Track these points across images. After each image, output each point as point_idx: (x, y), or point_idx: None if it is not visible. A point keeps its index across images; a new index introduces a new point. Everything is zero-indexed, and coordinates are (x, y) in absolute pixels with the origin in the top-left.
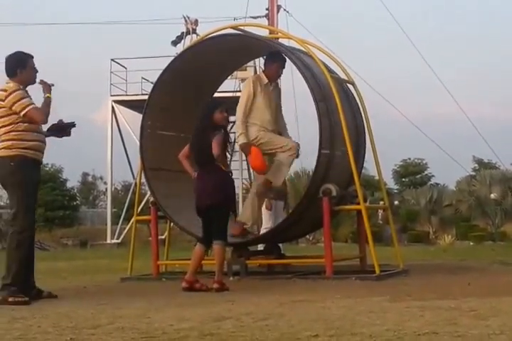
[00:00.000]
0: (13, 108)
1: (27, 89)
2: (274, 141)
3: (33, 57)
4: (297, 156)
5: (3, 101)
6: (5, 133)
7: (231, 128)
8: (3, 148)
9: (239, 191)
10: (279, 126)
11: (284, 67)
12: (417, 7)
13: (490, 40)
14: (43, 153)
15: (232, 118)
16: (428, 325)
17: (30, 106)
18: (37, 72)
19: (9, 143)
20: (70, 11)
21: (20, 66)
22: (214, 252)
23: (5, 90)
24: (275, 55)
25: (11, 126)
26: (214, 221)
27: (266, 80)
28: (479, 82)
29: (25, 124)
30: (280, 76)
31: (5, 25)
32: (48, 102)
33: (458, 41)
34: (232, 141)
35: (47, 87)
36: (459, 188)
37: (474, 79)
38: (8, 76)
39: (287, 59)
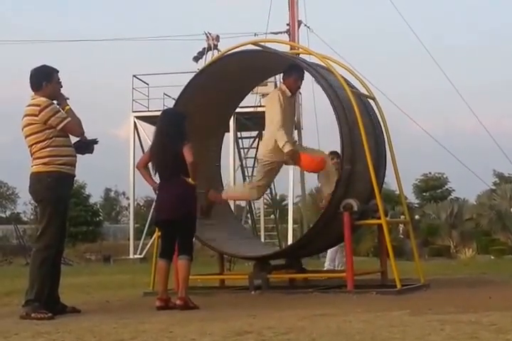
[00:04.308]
0: (49, 122)
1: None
2: (307, 151)
3: (58, 71)
4: None
5: (37, 116)
6: (41, 149)
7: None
8: (40, 164)
9: (260, 206)
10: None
11: (302, 79)
12: (435, 21)
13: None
14: (75, 167)
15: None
16: (449, 338)
17: (67, 120)
18: (61, 86)
19: (46, 159)
20: (92, 27)
21: (46, 79)
22: (178, 267)
23: (38, 105)
24: (290, 69)
25: (45, 142)
26: (179, 235)
27: (289, 93)
28: (500, 95)
29: (60, 139)
30: (300, 88)
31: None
32: (72, 114)
33: (479, 55)
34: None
35: (63, 99)
36: (480, 202)
37: (495, 92)
38: (33, 89)
39: (309, 74)
